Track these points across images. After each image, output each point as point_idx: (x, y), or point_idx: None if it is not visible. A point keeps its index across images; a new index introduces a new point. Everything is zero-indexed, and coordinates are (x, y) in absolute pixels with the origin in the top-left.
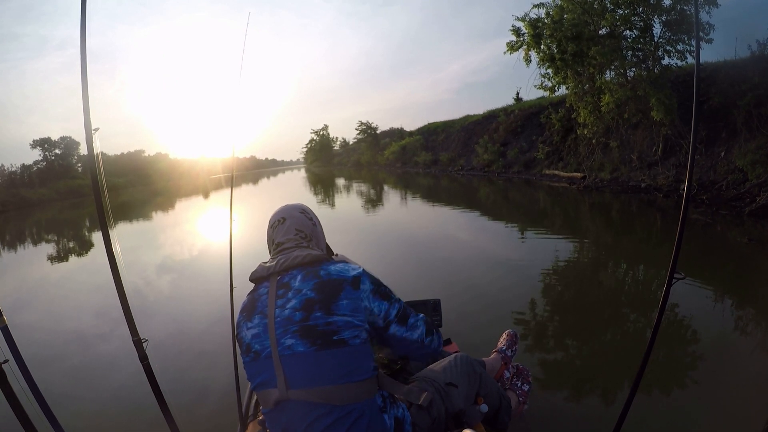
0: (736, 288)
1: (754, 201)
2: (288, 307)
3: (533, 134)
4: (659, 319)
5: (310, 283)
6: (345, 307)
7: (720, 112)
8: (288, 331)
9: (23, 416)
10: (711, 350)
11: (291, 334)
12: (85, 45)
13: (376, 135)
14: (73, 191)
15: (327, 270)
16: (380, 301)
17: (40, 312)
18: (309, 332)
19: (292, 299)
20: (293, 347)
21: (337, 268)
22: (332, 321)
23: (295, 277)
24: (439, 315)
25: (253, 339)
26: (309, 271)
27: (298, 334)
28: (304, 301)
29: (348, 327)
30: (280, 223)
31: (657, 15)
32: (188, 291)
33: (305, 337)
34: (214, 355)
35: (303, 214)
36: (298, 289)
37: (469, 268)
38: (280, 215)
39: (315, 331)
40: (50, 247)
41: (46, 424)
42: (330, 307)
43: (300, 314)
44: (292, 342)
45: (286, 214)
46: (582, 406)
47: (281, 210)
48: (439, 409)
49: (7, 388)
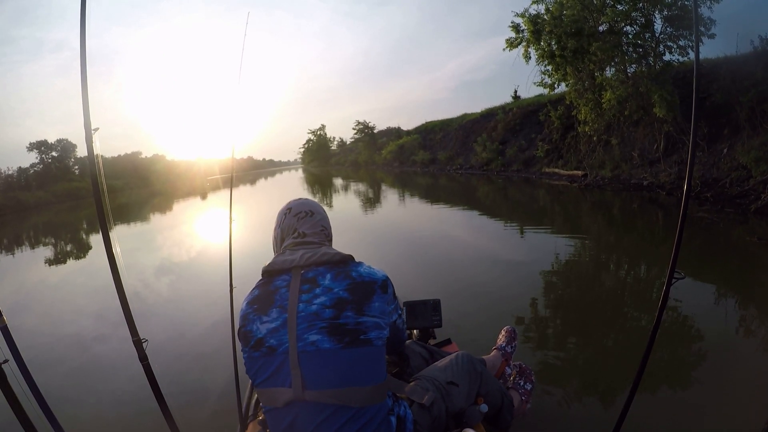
0: (740, 287)
1: (759, 198)
2: (316, 303)
3: (532, 132)
4: (659, 319)
5: (342, 283)
6: (376, 309)
7: (722, 108)
8: (314, 327)
9: (23, 416)
10: (713, 350)
11: (318, 330)
12: (85, 45)
13: (373, 134)
14: (70, 194)
15: (358, 271)
16: (396, 306)
17: (40, 314)
18: (337, 329)
19: (320, 296)
20: (318, 343)
21: (367, 271)
22: (362, 321)
23: (324, 275)
24: (439, 315)
25: (269, 333)
26: (340, 270)
27: (325, 330)
28: (336, 299)
29: (375, 328)
30: (309, 215)
31: (658, 10)
32: (187, 292)
33: (333, 334)
34: (213, 355)
35: (325, 213)
36: (328, 287)
37: (469, 268)
38: (306, 207)
39: (344, 329)
40: (48, 250)
41: (46, 424)
42: (362, 308)
43: (330, 312)
44: (317, 338)
45: (313, 209)
46: (582, 405)
47: (305, 203)
48: (440, 408)
49: (7, 388)
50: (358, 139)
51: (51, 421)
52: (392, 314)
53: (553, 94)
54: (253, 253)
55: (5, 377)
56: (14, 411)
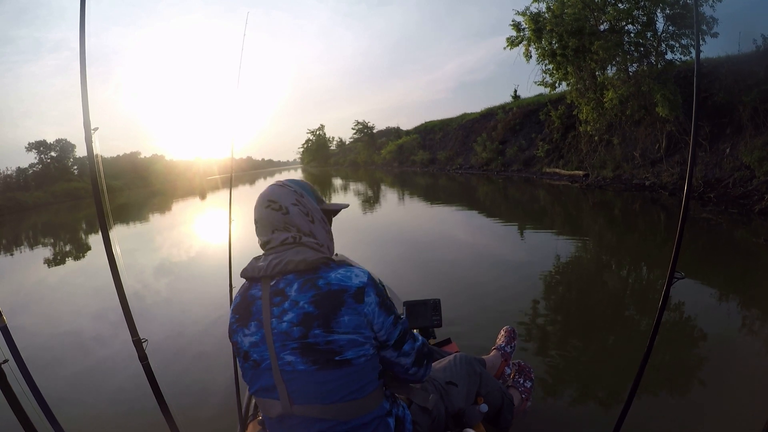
0: (742, 289)
1: (762, 199)
2: (285, 320)
3: (532, 132)
4: (659, 318)
5: (307, 294)
6: (347, 324)
7: (724, 108)
8: (287, 347)
9: (23, 416)
10: (714, 351)
11: (290, 351)
12: (85, 45)
13: (372, 134)
14: (69, 194)
15: (327, 278)
16: (385, 316)
17: (39, 314)
18: (309, 350)
19: (288, 311)
20: (294, 364)
21: (339, 276)
22: (333, 340)
23: (291, 284)
24: (439, 314)
25: (251, 347)
26: (307, 279)
27: (297, 351)
28: (302, 315)
29: (351, 346)
30: (274, 210)
31: (660, 9)
32: (187, 292)
33: (305, 355)
34: (213, 355)
35: (298, 203)
36: (294, 301)
37: (469, 268)
38: (273, 196)
39: (315, 350)
40: (48, 251)
41: (45, 424)
42: (330, 324)
43: (298, 330)
44: (292, 359)
45: (281, 197)
46: (583, 405)
47: (272, 191)
48: (439, 409)
49: (7, 388)
50: (358, 139)
51: (51, 421)
52: (382, 329)
53: (554, 93)
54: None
55: (5, 377)
56: (14, 411)
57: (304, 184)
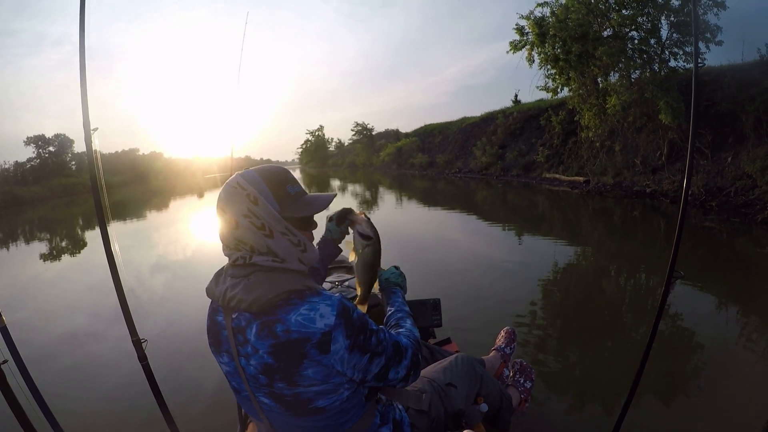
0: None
1: (765, 208)
2: (251, 365)
3: (532, 137)
4: (658, 319)
5: (265, 343)
6: (312, 376)
7: (727, 116)
8: (260, 391)
9: (22, 416)
10: (712, 356)
11: (264, 395)
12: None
13: (371, 136)
14: (66, 189)
15: (286, 323)
16: (358, 357)
17: (37, 313)
18: (279, 399)
19: (252, 356)
20: (270, 406)
21: (299, 320)
22: (300, 392)
23: (251, 326)
24: (439, 314)
25: (228, 375)
26: (264, 322)
27: (269, 397)
28: (263, 365)
29: (322, 395)
30: (224, 220)
31: (664, 16)
32: (185, 290)
33: (278, 402)
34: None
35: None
36: (254, 347)
37: (469, 270)
38: (226, 195)
39: (285, 400)
40: (45, 247)
41: (45, 424)
42: (293, 378)
43: (263, 378)
44: (267, 401)
45: (229, 206)
46: (581, 406)
47: (224, 192)
48: (438, 410)
49: (7, 388)
50: (356, 141)
51: (50, 420)
52: (356, 371)
53: (555, 99)
54: None
55: (5, 377)
56: (13, 411)
57: (266, 182)
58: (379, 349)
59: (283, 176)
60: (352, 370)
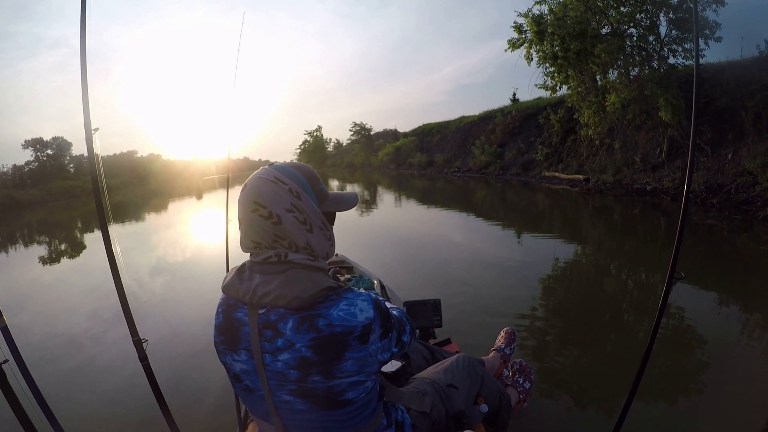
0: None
1: (766, 205)
2: (280, 360)
3: (531, 135)
4: (659, 318)
5: (305, 337)
6: (350, 367)
7: (726, 113)
8: (283, 388)
9: (23, 416)
10: (713, 354)
11: (287, 392)
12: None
13: (369, 136)
14: (65, 192)
15: (328, 318)
16: (387, 338)
17: (37, 313)
18: (307, 394)
19: (283, 351)
20: (291, 404)
21: (341, 315)
22: (334, 384)
23: (285, 320)
24: (439, 315)
25: (243, 373)
26: (304, 317)
27: (295, 393)
28: (299, 360)
29: (353, 387)
30: (261, 216)
31: (663, 13)
32: (185, 291)
33: (304, 397)
34: (210, 354)
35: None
36: (290, 341)
37: (468, 270)
38: (256, 195)
39: (314, 393)
40: (44, 250)
41: (45, 424)
42: (331, 371)
43: (295, 373)
44: (290, 399)
45: (266, 199)
46: (582, 406)
47: (259, 188)
48: (439, 411)
49: (7, 388)
50: (355, 141)
51: (51, 420)
52: (383, 352)
53: (553, 97)
54: None
55: (5, 377)
56: (14, 411)
57: (303, 176)
58: (396, 325)
59: (314, 172)
60: (382, 352)
